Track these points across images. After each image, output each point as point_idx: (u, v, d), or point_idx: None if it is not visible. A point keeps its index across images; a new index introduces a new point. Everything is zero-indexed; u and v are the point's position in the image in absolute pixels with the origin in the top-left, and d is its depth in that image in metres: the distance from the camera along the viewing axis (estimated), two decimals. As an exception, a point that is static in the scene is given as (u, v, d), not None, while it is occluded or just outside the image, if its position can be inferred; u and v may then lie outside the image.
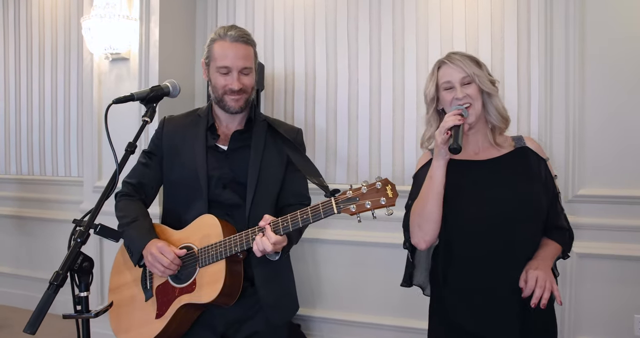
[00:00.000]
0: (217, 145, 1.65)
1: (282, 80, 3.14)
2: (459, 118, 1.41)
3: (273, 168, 1.64)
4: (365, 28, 2.94)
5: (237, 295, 1.51)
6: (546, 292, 1.37)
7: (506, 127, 1.58)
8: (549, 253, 1.48)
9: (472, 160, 1.55)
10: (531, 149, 1.55)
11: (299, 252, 3.01)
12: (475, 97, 1.48)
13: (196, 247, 1.53)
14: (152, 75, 3.05)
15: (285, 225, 1.40)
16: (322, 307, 3.00)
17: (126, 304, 1.60)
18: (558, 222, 1.54)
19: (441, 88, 1.53)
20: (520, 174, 1.50)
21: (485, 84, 1.49)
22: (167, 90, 1.53)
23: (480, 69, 1.51)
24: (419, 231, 1.49)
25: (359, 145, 2.96)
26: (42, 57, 3.84)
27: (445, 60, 1.54)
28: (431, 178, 1.46)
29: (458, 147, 1.36)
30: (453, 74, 1.50)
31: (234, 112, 1.62)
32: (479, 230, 1.47)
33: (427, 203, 1.46)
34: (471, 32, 2.72)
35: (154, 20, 3.05)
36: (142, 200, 1.70)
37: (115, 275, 1.66)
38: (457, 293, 1.52)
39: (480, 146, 1.57)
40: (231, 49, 1.58)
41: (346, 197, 1.35)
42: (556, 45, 2.55)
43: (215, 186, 1.61)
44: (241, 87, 1.59)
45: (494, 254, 1.46)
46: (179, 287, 1.52)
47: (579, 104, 2.51)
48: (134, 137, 1.44)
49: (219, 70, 1.59)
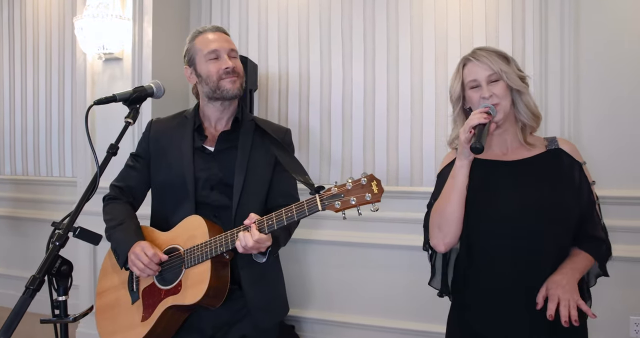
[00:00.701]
0: (205, 147, 1.64)
1: (276, 80, 3.12)
2: (485, 116, 1.33)
3: (260, 169, 1.62)
4: (360, 27, 2.92)
5: (223, 296, 1.49)
6: (572, 310, 1.27)
7: (538, 126, 1.48)
8: (576, 266, 1.36)
9: (500, 160, 1.46)
10: (565, 151, 1.44)
11: (292, 252, 2.99)
12: (503, 95, 1.40)
13: (182, 248, 1.52)
14: (145, 75, 3.04)
15: (270, 224, 1.38)
16: (317, 307, 2.98)
17: (113, 307, 1.59)
18: (594, 232, 1.42)
19: (467, 86, 1.45)
20: (550, 177, 1.40)
21: (514, 81, 1.40)
22: (150, 91, 1.51)
23: (508, 65, 1.42)
24: (439, 232, 1.42)
25: (353, 145, 2.94)
26: (36, 57, 3.82)
27: (470, 57, 1.45)
28: (454, 178, 1.39)
29: (480, 146, 1.28)
30: (479, 71, 1.41)
31: (233, 94, 1.60)
32: (501, 235, 1.39)
33: (448, 204, 1.39)
34: (465, 31, 2.70)
35: (147, 20, 3.03)
36: (130, 203, 1.69)
37: (103, 279, 1.65)
38: (477, 298, 1.45)
39: (509, 146, 1.47)
40: (215, 36, 1.62)
41: (331, 193, 1.33)
42: (551, 44, 2.53)
43: (203, 188, 1.59)
44: (234, 67, 1.59)
45: (516, 260, 1.37)
46: (164, 289, 1.50)
47: (574, 104, 2.49)
48: (116, 139, 1.42)
49: (208, 57, 1.60)
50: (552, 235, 1.37)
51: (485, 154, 1.44)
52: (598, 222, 1.43)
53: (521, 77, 1.43)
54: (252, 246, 1.39)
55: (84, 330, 3.13)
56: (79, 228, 1.23)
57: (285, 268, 2.97)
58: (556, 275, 1.34)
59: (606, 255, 1.44)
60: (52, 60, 3.76)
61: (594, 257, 1.40)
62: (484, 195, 1.41)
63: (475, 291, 1.45)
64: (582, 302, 1.30)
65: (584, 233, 1.41)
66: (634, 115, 2.41)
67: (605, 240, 1.44)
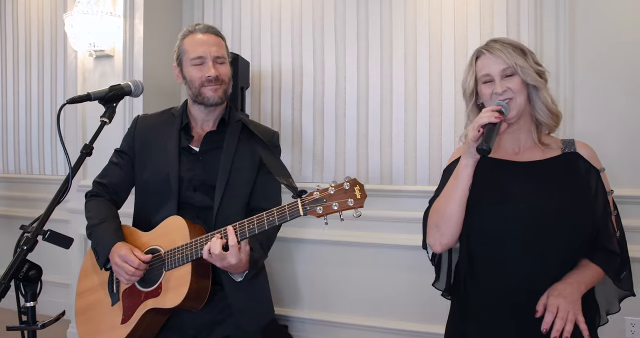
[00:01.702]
0: (190, 147, 1.61)
1: (268, 78, 3.09)
2: (496, 115, 1.24)
3: (244, 170, 1.59)
4: (353, 24, 2.88)
5: (204, 299, 1.47)
6: (568, 324, 1.17)
7: (556, 125, 1.37)
8: (582, 278, 1.26)
9: (510, 160, 1.36)
10: (583, 156, 1.34)
11: (285, 251, 2.97)
12: (518, 90, 1.29)
13: (163, 250, 1.49)
14: (136, 73, 3.01)
15: (251, 228, 1.35)
16: (310, 307, 2.95)
17: (93, 308, 1.56)
18: (607, 244, 1.31)
19: (480, 81, 1.35)
20: (562, 182, 1.30)
21: (530, 76, 1.29)
22: (128, 89, 1.47)
23: (524, 59, 1.31)
24: (437, 232, 1.34)
25: (346, 143, 2.90)
26: (29, 54, 3.79)
27: (484, 50, 1.35)
28: (456, 177, 1.30)
29: (487, 148, 1.19)
30: (492, 65, 1.31)
31: (214, 102, 1.57)
32: (502, 241, 1.30)
33: (449, 204, 1.31)
34: (460, 29, 2.66)
35: (138, 17, 3.00)
36: (113, 201, 1.66)
37: (83, 278, 1.62)
38: (477, 309, 1.37)
39: (521, 145, 1.37)
40: (203, 39, 1.57)
41: (313, 198, 1.30)
42: (546, 41, 2.49)
43: (187, 188, 1.56)
44: (217, 75, 1.55)
45: (517, 269, 1.28)
46: (144, 291, 1.47)
47: (570, 102, 2.45)
48: (90, 138, 1.39)
49: (193, 63, 1.56)
50: (557, 244, 1.27)
51: (495, 152, 1.35)
52: (613, 234, 1.32)
53: (539, 71, 1.32)
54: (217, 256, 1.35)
55: (74, 331, 3.10)
56: (49, 232, 1.19)
57: (281, 267, 2.98)
58: (560, 283, 1.25)
59: (620, 270, 1.32)
60: (44, 57, 3.73)
61: (604, 269, 1.29)
62: (489, 196, 1.32)
63: (475, 301, 1.37)
64: (581, 318, 1.20)
65: (597, 245, 1.31)
66: (632, 112, 2.37)
67: (621, 255, 1.32)
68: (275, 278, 2.99)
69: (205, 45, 1.55)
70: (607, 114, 2.40)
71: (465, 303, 1.40)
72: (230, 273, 1.47)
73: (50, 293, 3.58)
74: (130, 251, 1.47)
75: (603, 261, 1.29)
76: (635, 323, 2.37)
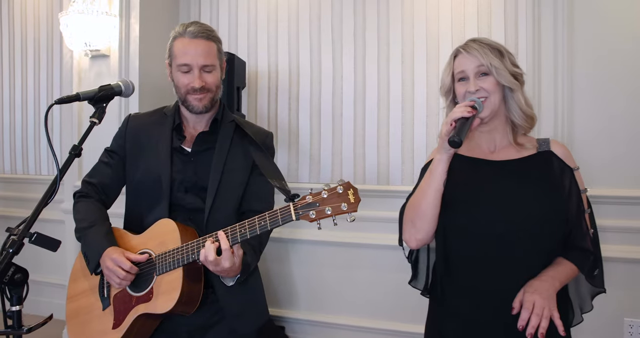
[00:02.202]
0: (182, 147, 1.58)
1: (265, 78, 3.07)
2: (469, 110, 1.25)
3: (237, 172, 1.57)
4: (350, 24, 2.86)
5: (196, 303, 1.45)
6: (544, 321, 1.18)
7: (531, 127, 1.38)
8: (557, 274, 1.27)
9: (486, 159, 1.38)
10: (557, 155, 1.35)
11: (283, 252, 2.95)
12: (492, 90, 1.31)
13: (154, 253, 1.47)
14: (132, 73, 2.99)
15: (243, 232, 1.33)
16: (308, 308, 2.94)
17: (84, 313, 1.54)
18: (580, 242, 1.32)
19: (455, 79, 1.37)
20: (536, 181, 1.32)
21: (505, 77, 1.30)
22: (118, 89, 1.45)
23: (501, 60, 1.32)
24: (412, 227, 1.35)
25: (343, 143, 2.89)
26: (25, 53, 3.78)
27: (462, 49, 1.37)
28: (431, 172, 1.31)
29: (459, 140, 1.20)
30: (468, 64, 1.33)
31: (198, 112, 1.55)
32: (477, 238, 1.30)
33: (424, 199, 1.31)
34: (457, 28, 2.65)
35: (134, 16, 2.98)
36: (102, 201, 1.63)
37: (73, 282, 1.60)
38: (448, 304, 1.38)
39: (497, 145, 1.38)
40: (191, 46, 1.51)
41: (305, 202, 1.28)
42: (544, 41, 2.47)
43: (178, 190, 1.54)
44: (203, 85, 1.52)
45: (491, 267, 1.29)
46: (135, 296, 1.45)
47: (568, 102, 2.43)
48: (79, 140, 1.36)
49: (179, 69, 1.53)
50: (531, 241, 1.28)
51: (472, 152, 1.38)
52: (587, 232, 1.34)
53: (515, 73, 1.33)
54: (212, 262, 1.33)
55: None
56: (36, 234, 1.17)
57: (278, 267, 2.96)
58: (535, 280, 1.26)
59: (593, 267, 1.34)
60: (41, 56, 3.71)
61: (578, 266, 1.31)
62: (463, 194, 1.33)
63: (452, 300, 1.38)
64: (556, 314, 1.21)
65: (571, 243, 1.33)
66: (630, 113, 2.35)
67: (594, 252, 1.34)
68: (272, 279, 2.97)
69: (193, 54, 1.50)
70: (606, 115, 2.38)
71: (443, 301, 1.40)
72: (222, 278, 1.45)
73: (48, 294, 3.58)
74: (122, 254, 1.45)
75: (577, 259, 1.31)
76: (633, 325, 2.35)
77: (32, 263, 3.29)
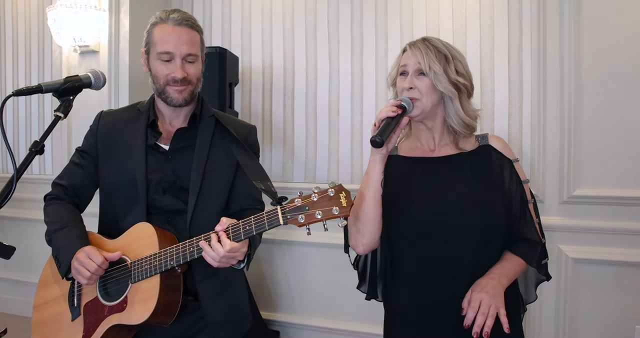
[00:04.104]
0: (158, 145, 1.48)
1: (259, 74, 2.96)
2: (394, 110, 1.24)
3: (220, 170, 1.47)
4: (347, 17, 2.75)
5: (175, 313, 1.35)
6: (489, 319, 1.18)
7: (470, 133, 1.36)
8: (504, 271, 1.27)
9: (423, 157, 1.37)
10: (494, 148, 1.35)
11: (277, 254, 2.86)
12: (426, 92, 1.29)
13: (129, 260, 1.37)
14: (122, 69, 2.91)
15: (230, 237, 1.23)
16: (304, 312, 2.84)
17: (51, 323, 1.44)
18: (527, 233, 1.32)
19: (398, 72, 1.36)
20: (473, 175, 1.31)
21: (442, 84, 1.28)
22: (87, 81, 1.33)
23: (445, 65, 1.29)
24: (356, 232, 1.33)
25: (340, 141, 2.78)
26: (16, 50, 3.68)
27: (409, 45, 1.35)
28: (367, 175, 1.30)
29: (380, 140, 1.20)
30: (409, 61, 1.32)
31: (178, 104, 1.44)
32: (420, 236, 1.29)
33: (363, 202, 1.30)
34: (458, 21, 2.53)
35: (123, 11, 2.90)
36: (75, 204, 1.53)
37: (41, 290, 1.50)
38: (396, 308, 1.37)
39: (436, 143, 1.37)
40: (174, 33, 1.41)
41: (294, 205, 1.19)
42: (550, 33, 2.35)
43: (155, 191, 1.44)
44: (185, 76, 1.41)
45: (436, 267, 1.28)
46: (108, 305, 1.36)
47: (575, 97, 2.31)
48: (41, 135, 1.26)
49: (159, 57, 1.42)
50: (473, 238, 1.26)
51: (412, 152, 1.38)
52: (532, 222, 1.33)
53: (456, 81, 1.30)
54: (225, 256, 1.24)
55: None
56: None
57: (273, 269, 2.86)
58: (482, 278, 1.25)
59: (539, 258, 1.33)
60: (32, 53, 3.61)
61: (526, 260, 1.31)
62: (404, 194, 1.32)
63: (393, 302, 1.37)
64: (503, 311, 1.20)
65: (517, 234, 1.32)
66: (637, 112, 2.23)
67: (540, 242, 1.34)
68: (267, 281, 2.88)
69: (176, 41, 1.40)
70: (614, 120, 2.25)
71: (391, 305, 1.40)
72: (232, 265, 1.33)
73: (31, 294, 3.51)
74: (96, 250, 1.35)
75: (524, 253, 1.31)
76: (645, 331, 2.24)
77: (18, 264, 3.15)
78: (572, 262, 2.31)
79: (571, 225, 2.32)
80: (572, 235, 2.32)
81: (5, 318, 3.37)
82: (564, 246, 2.32)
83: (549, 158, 2.35)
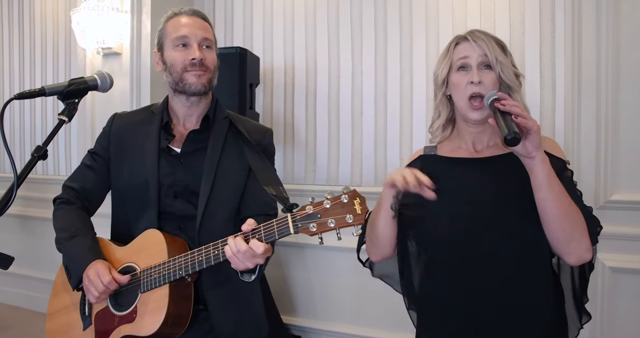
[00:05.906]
0: (171, 147, 1.43)
1: (281, 74, 2.91)
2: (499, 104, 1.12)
3: (232, 174, 1.41)
4: (370, 15, 2.67)
5: (185, 324, 1.31)
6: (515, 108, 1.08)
7: None
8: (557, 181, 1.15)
9: (466, 157, 1.29)
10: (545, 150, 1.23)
11: (299, 258, 2.80)
12: (492, 87, 1.21)
13: (139, 268, 1.33)
14: (144, 70, 2.90)
15: None
16: (325, 318, 2.78)
17: (63, 332, 1.41)
18: None
19: (454, 68, 1.26)
20: (516, 174, 1.20)
21: (508, 75, 1.22)
22: (92, 83, 1.28)
23: (505, 57, 1.24)
24: (372, 246, 1.33)
25: (363, 142, 2.71)
26: (45, 54, 3.74)
27: (467, 36, 1.26)
28: (380, 205, 1.24)
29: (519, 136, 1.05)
30: (472, 53, 1.23)
31: (196, 91, 1.39)
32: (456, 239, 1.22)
33: (379, 224, 1.26)
34: (487, 19, 2.42)
35: (145, 12, 2.89)
36: (85, 208, 1.50)
37: (54, 298, 1.47)
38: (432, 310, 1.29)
39: (484, 145, 1.29)
40: (188, 20, 1.41)
41: (305, 213, 1.12)
42: (585, 29, 2.21)
43: (166, 195, 1.40)
44: (203, 58, 1.38)
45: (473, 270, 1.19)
46: (119, 315, 1.32)
47: (612, 96, 2.16)
48: (45, 140, 1.23)
49: (175, 43, 1.39)
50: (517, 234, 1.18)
51: (453, 152, 1.30)
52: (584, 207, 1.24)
53: (516, 73, 1.26)
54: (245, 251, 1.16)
55: None
56: (-16, 251, 1.05)
57: (295, 274, 2.81)
58: None
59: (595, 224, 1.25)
60: (59, 56, 3.67)
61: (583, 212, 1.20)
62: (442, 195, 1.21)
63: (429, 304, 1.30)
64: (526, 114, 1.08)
65: None
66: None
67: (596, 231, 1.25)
68: (290, 286, 2.83)
69: (191, 27, 1.39)
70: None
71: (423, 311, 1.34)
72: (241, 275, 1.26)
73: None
74: (107, 267, 1.32)
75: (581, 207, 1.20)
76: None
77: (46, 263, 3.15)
78: (610, 270, 2.17)
79: (608, 232, 2.14)
80: (610, 243, 2.17)
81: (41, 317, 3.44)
82: (601, 254, 2.18)
83: (584, 160, 2.22)
